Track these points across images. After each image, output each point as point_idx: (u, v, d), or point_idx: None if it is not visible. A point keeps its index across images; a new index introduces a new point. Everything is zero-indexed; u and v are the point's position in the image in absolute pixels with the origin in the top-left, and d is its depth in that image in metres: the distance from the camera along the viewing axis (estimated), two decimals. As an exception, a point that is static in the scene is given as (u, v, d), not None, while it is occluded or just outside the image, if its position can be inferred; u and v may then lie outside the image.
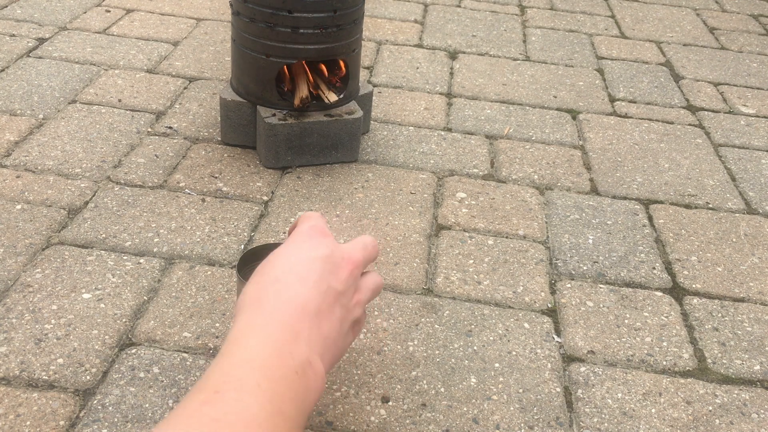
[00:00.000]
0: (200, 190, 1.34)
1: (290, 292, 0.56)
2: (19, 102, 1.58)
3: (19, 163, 1.37)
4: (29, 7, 2.07)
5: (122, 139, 1.48)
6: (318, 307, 0.56)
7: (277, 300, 0.55)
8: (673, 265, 1.28)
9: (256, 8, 1.34)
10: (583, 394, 0.99)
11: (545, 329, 1.10)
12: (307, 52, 1.37)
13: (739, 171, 1.61)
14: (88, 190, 1.31)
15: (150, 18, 2.08)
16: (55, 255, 1.14)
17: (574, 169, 1.55)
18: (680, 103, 1.90)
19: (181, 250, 1.18)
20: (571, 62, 2.09)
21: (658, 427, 0.95)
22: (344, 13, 1.37)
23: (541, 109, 1.79)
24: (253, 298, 0.57)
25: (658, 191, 1.50)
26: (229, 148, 1.48)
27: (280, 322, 0.53)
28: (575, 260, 1.26)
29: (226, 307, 1.07)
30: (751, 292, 1.23)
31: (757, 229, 1.41)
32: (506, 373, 1.01)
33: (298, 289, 0.57)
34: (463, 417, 0.93)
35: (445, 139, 1.60)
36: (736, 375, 1.06)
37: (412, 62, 1.99)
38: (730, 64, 2.19)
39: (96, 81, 1.70)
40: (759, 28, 2.53)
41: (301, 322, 0.54)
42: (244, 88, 1.44)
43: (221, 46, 1.95)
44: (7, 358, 0.95)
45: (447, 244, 1.26)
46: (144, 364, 0.96)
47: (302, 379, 0.50)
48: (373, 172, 1.45)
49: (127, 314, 1.04)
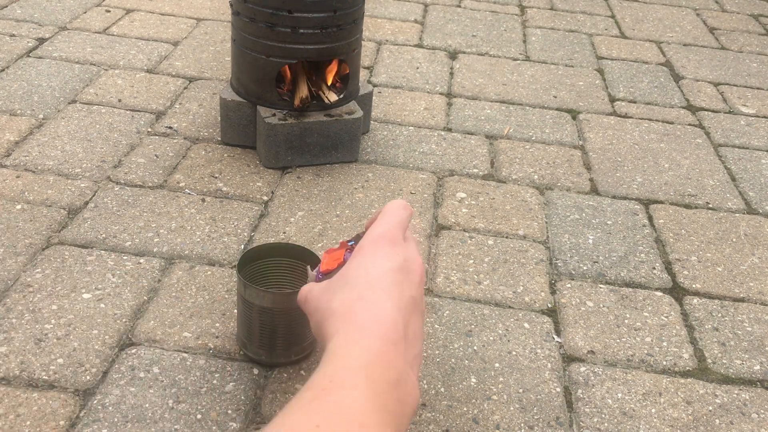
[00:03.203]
0: (200, 190, 1.34)
1: (377, 308, 0.57)
2: (19, 102, 1.58)
3: (19, 163, 1.37)
4: (29, 7, 2.07)
5: (122, 139, 1.48)
6: (405, 320, 0.58)
7: (367, 317, 0.57)
8: (673, 265, 1.28)
9: (256, 8, 1.34)
10: (583, 394, 0.99)
11: (545, 329, 1.10)
12: (307, 52, 1.37)
13: (739, 171, 1.61)
14: (88, 190, 1.31)
15: (150, 18, 2.08)
16: (55, 255, 1.14)
17: (574, 169, 1.55)
18: (680, 103, 1.90)
19: (181, 250, 1.18)
20: (571, 62, 2.09)
21: (658, 427, 0.95)
22: (344, 13, 1.37)
23: (541, 109, 1.79)
24: (344, 314, 0.58)
25: (658, 191, 1.50)
26: (229, 148, 1.48)
27: (377, 337, 0.55)
28: (575, 260, 1.26)
29: (226, 307, 1.07)
30: (751, 292, 1.23)
31: (757, 229, 1.41)
32: (506, 373, 1.01)
33: (384, 304, 0.58)
34: (463, 417, 0.93)
35: (445, 139, 1.60)
36: (736, 375, 1.06)
37: (412, 62, 1.99)
38: (730, 64, 2.19)
39: (96, 81, 1.70)
40: (759, 28, 2.53)
41: (396, 334, 0.55)
42: (244, 88, 1.44)
43: (221, 46, 1.95)
44: (7, 358, 0.95)
45: (447, 244, 1.26)
46: (144, 364, 0.96)
47: (401, 390, 0.52)
48: (373, 172, 1.45)
49: (127, 314, 1.04)
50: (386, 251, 0.63)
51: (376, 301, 0.58)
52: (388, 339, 0.55)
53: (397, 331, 0.56)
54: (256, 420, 0.90)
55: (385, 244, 0.64)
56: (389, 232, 0.66)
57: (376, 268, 0.61)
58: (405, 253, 0.64)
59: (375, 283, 0.60)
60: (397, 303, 0.59)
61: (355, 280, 0.61)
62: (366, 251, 0.64)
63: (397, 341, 0.55)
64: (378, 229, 0.66)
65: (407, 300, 0.60)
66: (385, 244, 0.64)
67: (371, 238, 0.65)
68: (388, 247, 0.64)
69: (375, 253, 0.63)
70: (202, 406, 0.91)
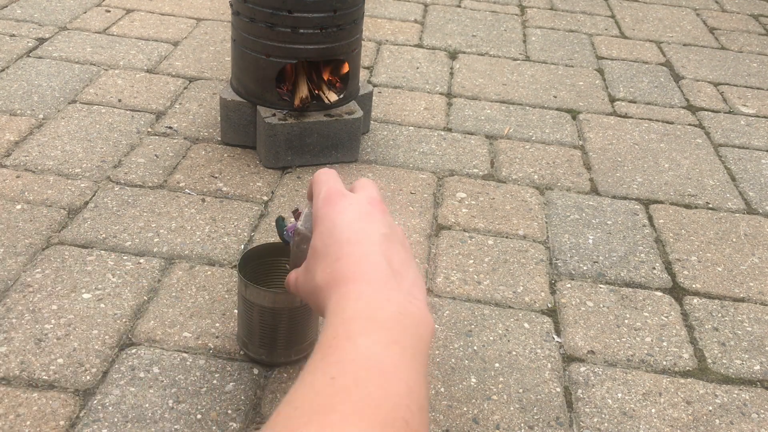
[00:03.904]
0: (200, 190, 1.34)
1: (354, 260, 0.58)
2: (19, 102, 1.58)
3: (19, 163, 1.37)
4: (29, 7, 2.07)
5: (122, 139, 1.48)
6: (386, 256, 0.58)
7: (349, 273, 0.56)
8: (673, 265, 1.28)
9: (256, 8, 1.34)
10: (583, 394, 0.99)
11: (545, 329, 1.10)
12: (307, 52, 1.37)
13: (739, 171, 1.61)
14: (88, 190, 1.31)
15: (150, 18, 2.08)
16: (55, 255, 1.14)
17: (574, 169, 1.55)
18: (680, 103, 1.90)
19: (181, 250, 1.18)
20: (571, 62, 2.09)
21: (658, 427, 0.95)
22: (344, 13, 1.37)
23: (541, 109, 1.79)
24: (328, 283, 0.58)
25: (658, 191, 1.50)
26: (229, 148, 1.48)
27: (364, 282, 0.54)
28: (575, 260, 1.26)
29: (226, 307, 1.07)
30: (751, 292, 1.23)
31: (757, 229, 1.41)
32: (506, 373, 1.01)
33: (358, 254, 0.58)
34: (463, 417, 0.93)
35: (445, 139, 1.60)
36: (736, 375, 1.06)
37: (412, 62, 1.99)
38: (730, 64, 2.19)
39: (96, 81, 1.70)
40: (759, 28, 2.53)
41: (381, 272, 0.55)
42: (244, 88, 1.44)
43: (221, 46, 1.95)
44: (7, 358, 0.95)
45: (447, 244, 1.26)
46: (144, 364, 0.96)
47: (408, 321, 0.51)
48: (373, 172, 1.45)
49: (127, 314, 1.04)
50: (339, 207, 0.63)
51: (351, 254, 0.58)
52: (376, 280, 0.55)
53: (381, 270, 0.56)
54: (256, 420, 0.90)
55: (335, 203, 0.64)
56: (330, 191, 0.65)
57: (336, 227, 0.61)
58: (356, 200, 0.64)
59: (343, 240, 0.60)
60: (370, 247, 0.58)
61: (326, 248, 0.61)
62: (321, 218, 0.64)
63: (386, 278, 0.55)
64: (320, 195, 0.66)
65: (379, 238, 0.59)
66: (334, 203, 0.64)
67: (320, 204, 0.65)
68: (338, 203, 0.64)
69: (330, 215, 0.63)
70: (202, 406, 0.91)
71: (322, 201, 0.65)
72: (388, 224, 0.62)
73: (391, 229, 0.62)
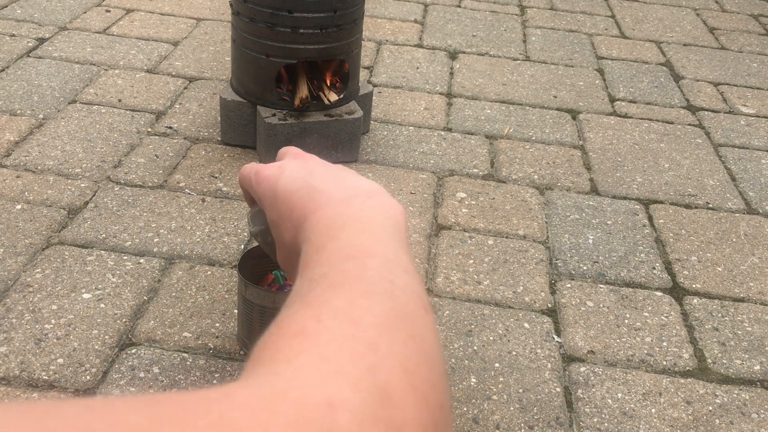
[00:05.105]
0: (200, 190, 1.34)
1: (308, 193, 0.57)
2: (19, 102, 1.58)
3: (19, 163, 1.37)
4: (29, 7, 2.07)
5: (122, 139, 1.48)
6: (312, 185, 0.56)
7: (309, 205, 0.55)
8: (673, 265, 1.28)
9: (256, 8, 1.34)
10: (583, 394, 0.99)
11: (545, 329, 1.10)
12: (307, 52, 1.37)
13: (739, 171, 1.61)
14: (88, 190, 1.31)
15: (150, 18, 2.08)
16: (55, 255, 1.14)
17: (574, 169, 1.55)
18: (680, 103, 1.90)
19: (181, 250, 1.18)
20: (571, 62, 2.09)
21: (658, 427, 0.95)
22: (344, 13, 1.37)
23: (541, 109, 1.79)
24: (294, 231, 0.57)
25: (658, 191, 1.50)
26: (229, 148, 1.48)
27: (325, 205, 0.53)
28: (575, 260, 1.26)
29: (226, 307, 1.07)
30: (751, 292, 1.23)
31: (757, 229, 1.41)
32: (506, 373, 1.01)
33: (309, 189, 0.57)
34: (463, 417, 0.93)
35: (445, 139, 1.60)
36: (736, 375, 1.06)
37: (412, 62, 1.99)
38: (730, 64, 2.19)
39: (96, 81, 1.70)
40: (759, 28, 2.53)
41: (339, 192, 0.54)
42: (244, 88, 1.44)
43: (221, 46, 1.95)
44: (7, 358, 0.95)
45: (447, 244, 1.26)
46: (144, 364, 0.96)
47: (373, 208, 0.49)
48: (373, 172, 1.45)
49: (127, 314, 1.04)
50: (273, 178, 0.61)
51: (300, 199, 0.56)
52: (330, 201, 0.53)
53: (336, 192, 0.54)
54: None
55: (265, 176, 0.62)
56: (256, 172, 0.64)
57: (279, 191, 0.60)
58: (284, 163, 0.63)
59: (287, 196, 0.58)
60: (315, 185, 0.57)
61: (279, 213, 0.59)
62: (261, 194, 0.63)
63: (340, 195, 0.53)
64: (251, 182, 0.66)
65: (320, 173, 0.58)
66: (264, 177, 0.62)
67: (255, 187, 0.64)
68: (268, 175, 0.62)
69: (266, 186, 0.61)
70: (202, 406, 0.91)
71: (255, 184, 0.63)
72: (320, 162, 0.61)
73: (324, 164, 0.60)
